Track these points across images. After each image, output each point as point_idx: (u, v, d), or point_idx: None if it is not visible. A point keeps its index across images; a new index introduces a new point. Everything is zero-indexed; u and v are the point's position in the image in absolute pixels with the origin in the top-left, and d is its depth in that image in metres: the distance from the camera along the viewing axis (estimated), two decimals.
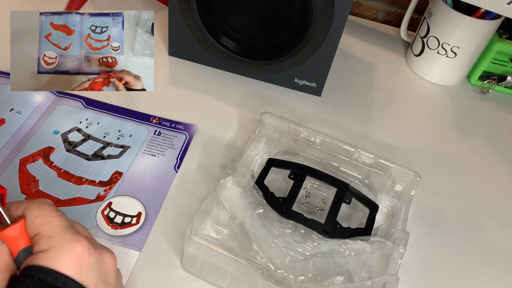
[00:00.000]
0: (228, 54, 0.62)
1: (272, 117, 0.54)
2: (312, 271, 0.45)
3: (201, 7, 0.58)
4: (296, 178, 0.50)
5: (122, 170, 0.51)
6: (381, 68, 0.72)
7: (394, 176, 0.52)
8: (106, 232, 0.46)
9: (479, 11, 0.64)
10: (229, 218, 0.45)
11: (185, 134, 0.56)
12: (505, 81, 0.69)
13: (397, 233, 0.46)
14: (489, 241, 0.52)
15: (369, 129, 0.62)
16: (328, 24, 0.56)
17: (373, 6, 0.82)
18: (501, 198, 0.57)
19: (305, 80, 0.64)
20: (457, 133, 0.64)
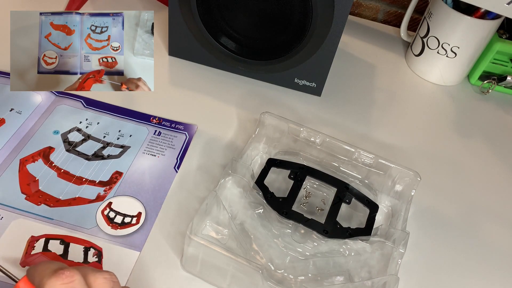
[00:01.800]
0: (228, 54, 0.62)
1: (272, 117, 0.54)
2: (312, 271, 0.45)
3: (201, 7, 0.58)
4: (296, 178, 0.50)
5: (122, 170, 0.51)
6: (381, 68, 0.72)
7: (394, 176, 0.52)
8: (106, 232, 0.46)
9: (479, 11, 0.64)
10: (229, 218, 0.45)
11: (185, 134, 0.56)
12: (505, 81, 0.69)
13: (397, 233, 0.46)
14: (489, 240, 0.52)
15: (369, 129, 0.62)
16: (328, 24, 0.56)
17: (373, 6, 0.82)
18: (501, 198, 0.57)
19: (305, 80, 0.64)
20: (457, 133, 0.64)
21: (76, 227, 0.45)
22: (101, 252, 0.44)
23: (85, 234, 0.45)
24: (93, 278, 0.31)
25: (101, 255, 0.44)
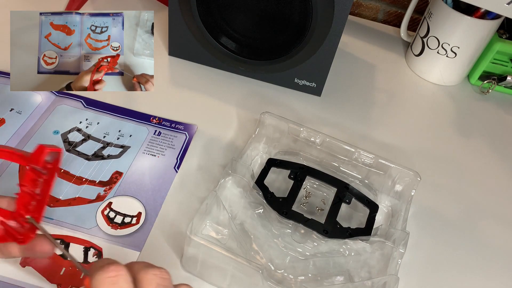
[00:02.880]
0: (228, 54, 0.62)
1: (272, 117, 0.54)
2: (312, 271, 0.45)
3: (201, 7, 0.58)
4: (296, 178, 0.50)
5: (122, 170, 0.51)
6: (381, 68, 0.72)
7: (394, 176, 0.52)
8: (106, 232, 0.46)
9: (479, 11, 0.64)
10: (229, 218, 0.45)
11: (185, 134, 0.56)
12: (505, 81, 0.69)
13: (397, 233, 0.46)
14: (489, 240, 0.52)
15: (369, 129, 0.62)
16: (328, 24, 0.56)
17: (373, 6, 0.82)
18: (501, 198, 0.57)
19: (305, 80, 0.64)
20: (457, 133, 0.64)
21: (76, 227, 0.45)
22: (101, 252, 0.44)
23: (85, 234, 0.45)
24: (143, 273, 0.31)
25: (101, 255, 0.44)
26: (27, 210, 0.35)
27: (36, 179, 0.35)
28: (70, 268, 0.42)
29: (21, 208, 0.35)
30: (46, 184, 0.35)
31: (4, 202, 0.36)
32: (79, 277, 0.42)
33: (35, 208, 0.35)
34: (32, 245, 0.36)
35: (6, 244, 0.36)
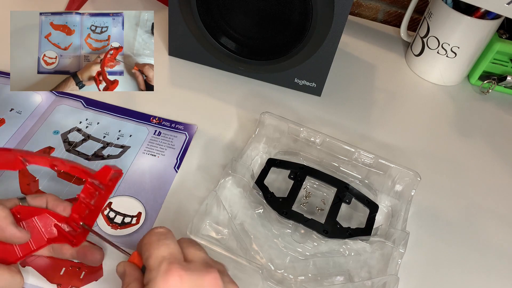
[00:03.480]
0: (228, 54, 0.62)
1: (272, 117, 0.54)
2: (312, 271, 0.45)
3: (201, 7, 0.58)
4: (296, 178, 0.50)
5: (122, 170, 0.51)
6: (381, 68, 0.72)
7: (394, 176, 0.52)
8: (106, 232, 0.46)
9: (479, 11, 0.64)
10: (229, 218, 0.45)
11: (185, 134, 0.56)
12: (505, 81, 0.69)
13: (397, 233, 0.46)
14: (489, 240, 0.52)
15: (369, 129, 0.62)
16: (328, 24, 0.56)
17: (373, 6, 0.82)
18: (501, 198, 0.57)
19: (305, 80, 0.64)
20: (457, 133, 0.64)
21: None
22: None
23: None
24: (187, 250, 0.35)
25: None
26: (80, 217, 0.39)
27: (94, 192, 0.38)
28: (70, 268, 0.42)
29: (75, 214, 0.39)
30: (101, 197, 0.38)
31: (60, 206, 0.40)
32: (79, 277, 0.42)
33: (87, 216, 0.39)
34: (84, 252, 0.40)
35: (61, 245, 0.40)
